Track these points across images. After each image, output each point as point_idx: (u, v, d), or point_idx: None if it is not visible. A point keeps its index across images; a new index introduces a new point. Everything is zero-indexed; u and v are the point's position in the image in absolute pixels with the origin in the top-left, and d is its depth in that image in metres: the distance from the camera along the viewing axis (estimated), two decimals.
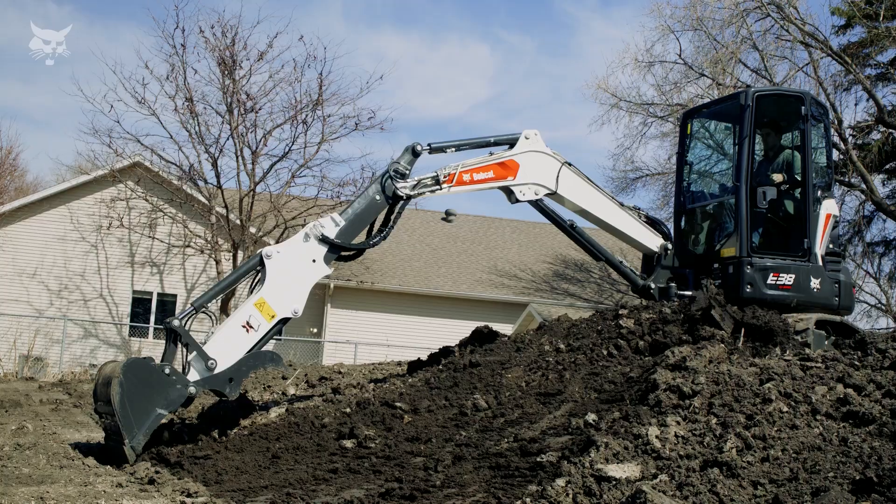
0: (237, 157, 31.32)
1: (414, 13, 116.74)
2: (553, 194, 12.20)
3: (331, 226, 10.50)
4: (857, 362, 8.32)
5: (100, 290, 34.10)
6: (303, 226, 31.25)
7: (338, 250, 10.62)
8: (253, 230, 31.35)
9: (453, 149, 11.62)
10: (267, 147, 32.05)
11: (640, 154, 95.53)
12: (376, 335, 32.47)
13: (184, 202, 32.21)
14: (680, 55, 33.57)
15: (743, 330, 10.27)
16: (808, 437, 6.43)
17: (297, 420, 10.09)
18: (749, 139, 12.41)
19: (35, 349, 29.24)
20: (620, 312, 11.45)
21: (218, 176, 31.39)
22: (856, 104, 48.19)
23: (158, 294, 34.66)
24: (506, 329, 23.85)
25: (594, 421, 7.48)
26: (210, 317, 10.08)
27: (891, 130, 31.48)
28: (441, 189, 11.33)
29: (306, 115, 31.79)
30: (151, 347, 33.48)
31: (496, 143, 11.94)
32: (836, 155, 29.93)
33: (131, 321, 34.09)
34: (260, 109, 31.64)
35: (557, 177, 12.16)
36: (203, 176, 31.87)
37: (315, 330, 34.17)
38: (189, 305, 9.75)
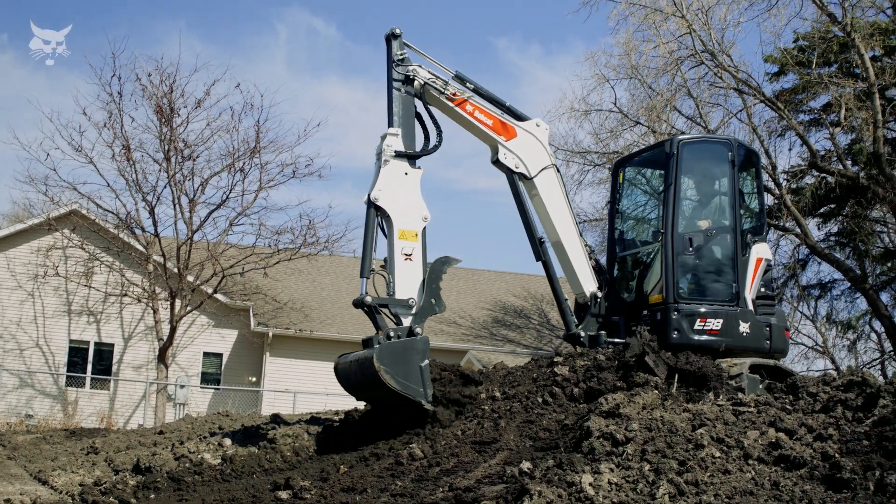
0: (175, 205, 31.07)
1: (358, 62, 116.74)
2: (529, 180, 12.80)
3: (395, 140, 11.52)
4: (788, 406, 8.43)
5: (36, 339, 33.58)
6: (242, 272, 31.35)
7: (414, 158, 11.66)
8: (191, 279, 31.08)
9: (472, 86, 12.59)
10: (204, 195, 31.85)
11: (578, 201, 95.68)
12: (315, 384, 32.17)
13: (121, 250, 31.86)
14: (615, 103, 33.81)
15: (676, 376, 10.34)
16: (741, 482, 6.48)
17: (235, 469, 10.01)
18: (674, 186, 12.56)
19: None
20: (555, 360, 11.51)
21: (155, 224, 31.11)
22: (789, 149, 48.89)
23: (95, 343, 34.13)
24: None
25: (528, 469, 7.49)
26: (381, 275, 11.26)
27: (824, 175, 31.91)
28: (442, 96, 12.26)
29: (244, 163, 31.66)
30: (88, 397, 33.00)
31: (509, 110, 12.84)
32: (770, 199, 30.30)
33: (68, 370, 33.50)
34: (197, 157, 31.43)
35: (542, 169, 12.85)
36: (140, 224, 31.57)
37: (254, 379, 33.90)
38: (360, 279, 11.29)
